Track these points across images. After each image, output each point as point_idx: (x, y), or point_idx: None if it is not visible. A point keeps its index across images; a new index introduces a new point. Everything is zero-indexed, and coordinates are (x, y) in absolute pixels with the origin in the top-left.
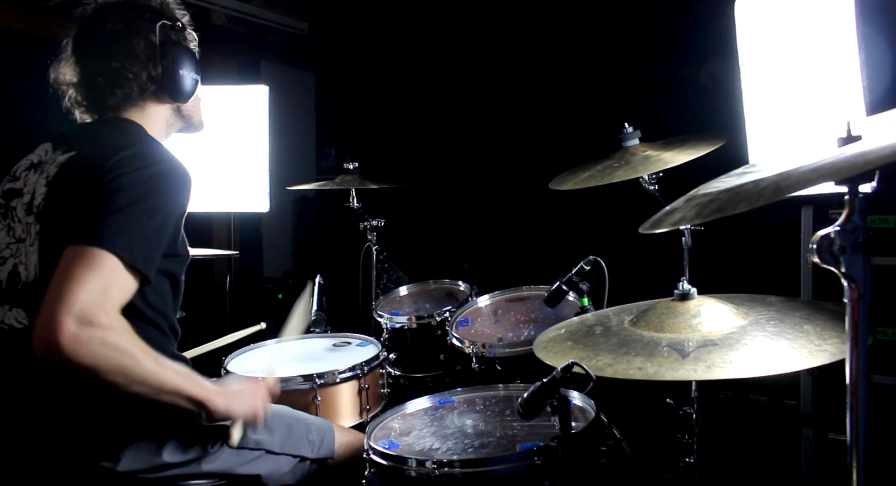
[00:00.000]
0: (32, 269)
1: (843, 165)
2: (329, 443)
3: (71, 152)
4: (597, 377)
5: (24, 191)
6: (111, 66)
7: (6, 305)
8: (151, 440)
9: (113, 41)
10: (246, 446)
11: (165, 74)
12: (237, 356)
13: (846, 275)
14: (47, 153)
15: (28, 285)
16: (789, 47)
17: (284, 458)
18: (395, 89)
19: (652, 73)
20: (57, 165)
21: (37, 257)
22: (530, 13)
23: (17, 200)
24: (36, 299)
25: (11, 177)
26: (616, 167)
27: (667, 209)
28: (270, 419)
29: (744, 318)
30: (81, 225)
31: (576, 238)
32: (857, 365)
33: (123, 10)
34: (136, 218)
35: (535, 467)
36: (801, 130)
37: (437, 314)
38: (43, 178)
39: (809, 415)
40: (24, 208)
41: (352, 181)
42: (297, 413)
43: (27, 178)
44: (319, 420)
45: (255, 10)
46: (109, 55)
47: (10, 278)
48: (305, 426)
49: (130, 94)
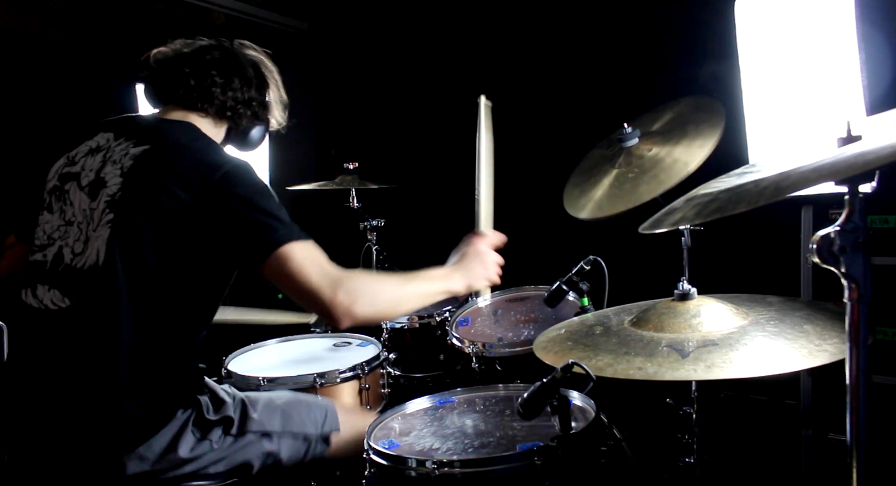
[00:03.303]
0: (93, 254)
1: (843, 165)
2: (332, 418)
3: (144, 146)
4: (597, 377)
5: (82, 175)
6: (227, 74)
7: (46, 285)
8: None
9: (239, 63)
10: (250, 430)
11: (254, 111)
12: (238, 356)
13: (846, 275)
14: (109, 141)
15: (73, 269)
16: (789, 47)
17: (287, 439)
18: (395, 89)
19: (652, 74)
20: (132, 158)
21: (104, 244)
22: (530, 13)
23: (71, 184)
24: (86, 285)
25: (69, 161)
26: (633, 178)
27: (667, 209)
28: (271, 402)
29: (744, 318)
30: (249, 238)
31: (576, 238)
32: (857, 365)
33: (256, 61)
34: (276, 208)
35: (535, 467)
36: (801, 130)
37: (437, 314)
38: (116, 168)
39: (809, 415)
40: (85, 193)
41: (352, 181)
42: (298, 394)
43: (85, 162)
44: (321, 399)
45: (255, 10)
46: (231, 67)
47: (55, 260)
48: (307, 405)
49: (223, 104)
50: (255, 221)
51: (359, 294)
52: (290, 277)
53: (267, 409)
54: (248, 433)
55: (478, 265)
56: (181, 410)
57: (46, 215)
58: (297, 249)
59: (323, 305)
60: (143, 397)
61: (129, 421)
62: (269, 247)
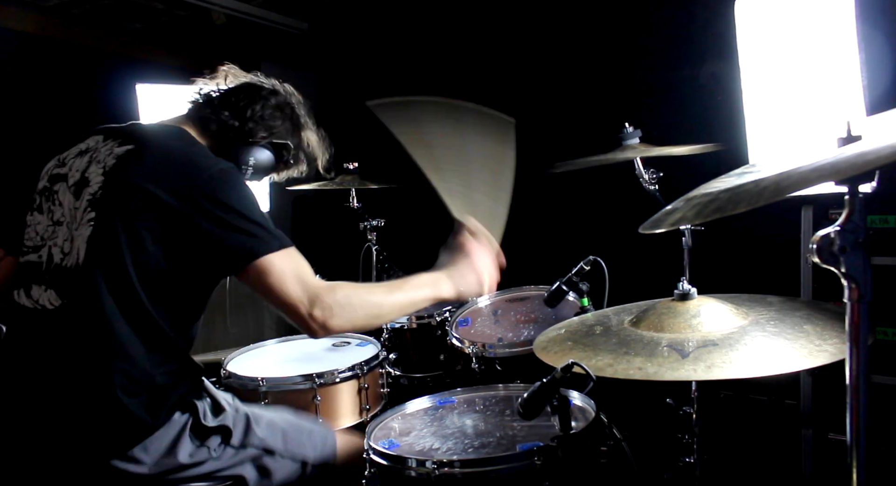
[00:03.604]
0: (76, 253)
1: (843, 165)
2: (331, 446)
3: (128, 146)
4: (597, 377)
5: (69, 175)
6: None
7: (42, 285)
8: (165, 436)
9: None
10: (252, 445)
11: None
12: (237, 356)
13: (846, 275)
14: (98, 143)
15: (62, 268)
16: (789, 47)
17: (286, 460)
18: (395, 89)
19: (652, 74)
20: (115, 157)
21: (84, 242)
22: (530, 13)
23: (60, 185)
24: (73, 284)
25: (59, 163)
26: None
27: (667, 209)
28: (273, 422)
29: (744, 318)
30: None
31: (576, 238)
32: (857, 365)
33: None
34: (259, 216)
35: (535, 467)
36: (801, 130)
37: (437, 314)
38: (99, 167)
39: (809, 415)
40: (71, 192)
41: (352, 181)
42: (300, 419)
43: (73, 163)
44: (321, 426)
45: (255, 10)
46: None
47: (49, 260)
48: (308, 430)
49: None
50: (236, 228)
51: (335, 310)
52: (268, 288)
53: (270, 427)
54: (249, 447)
55: (470, 272)
56: (178, 412)
57: (37, 216)
58: (276, 260)
59: (300, 318)
60: (137, 394)
61: (124, 419)
62: (249, 257)
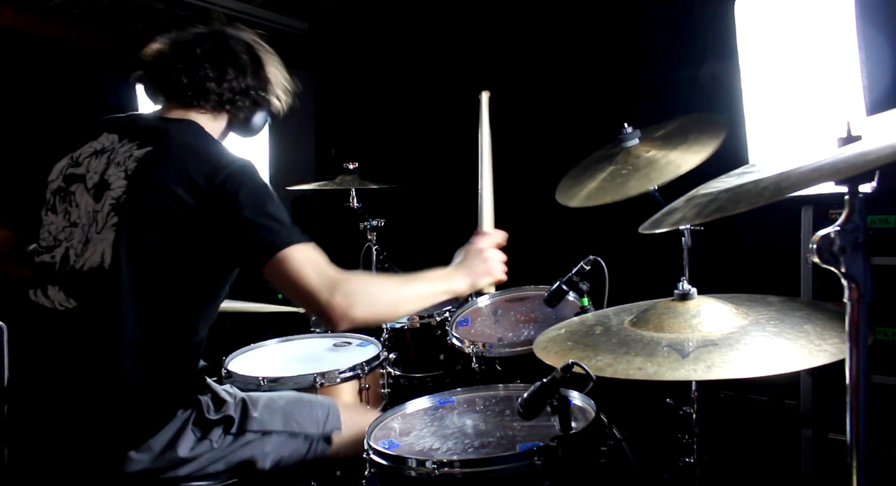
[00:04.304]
0: (96, 256)
1: (843, 165)
2: (334, 418)
3: (147, 148)
4: (597, 377)
5: (87, 177)
6: (220, 65)
7: (56, 286)
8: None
9: (232, 51)
10: (250, 429)
11: (253, 99)
12: (237, 356)
13: (846, 275)
14: (114, 143)
15: (77, 271)
16: (789, 47)
17: (288, 438)
18: (395, 89)
19: (652, 74)
20: (135, 160)
21: (110, 246)
22: (530, 14)
23: (77, 186)
24: (90, 287)
25: (74, 162)
26: (626, 175)
27: (667, 209)
28: (272, 402)
29: (744, 318)
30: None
31: (576, 238)
32: (857, 365)
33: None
34: (276, 210)
35: (535, 467)
36: (801, 130)
37: (437, 314)
38: (120, 170)
39: (809, 415)
40: (90, 195)
41: (352, 181)
42: (300, 394)
43: (88, 164)
44: (322, 398)
45: (255, 10)
46: (223, 56)
47: (63, 261)
48: (308, 404)
49: (219, 97)
50: (257, 223)
51: (357, 297)
52: (288, 279)
53: (268, 408)
54: (247, 432)
55: (480, 263)
56: (181, 409)
57: (51, 216)
58: (296, 251)
59: (320, 307)
60: (145, 396)
61: (130, 420)
62: (270, 250)
